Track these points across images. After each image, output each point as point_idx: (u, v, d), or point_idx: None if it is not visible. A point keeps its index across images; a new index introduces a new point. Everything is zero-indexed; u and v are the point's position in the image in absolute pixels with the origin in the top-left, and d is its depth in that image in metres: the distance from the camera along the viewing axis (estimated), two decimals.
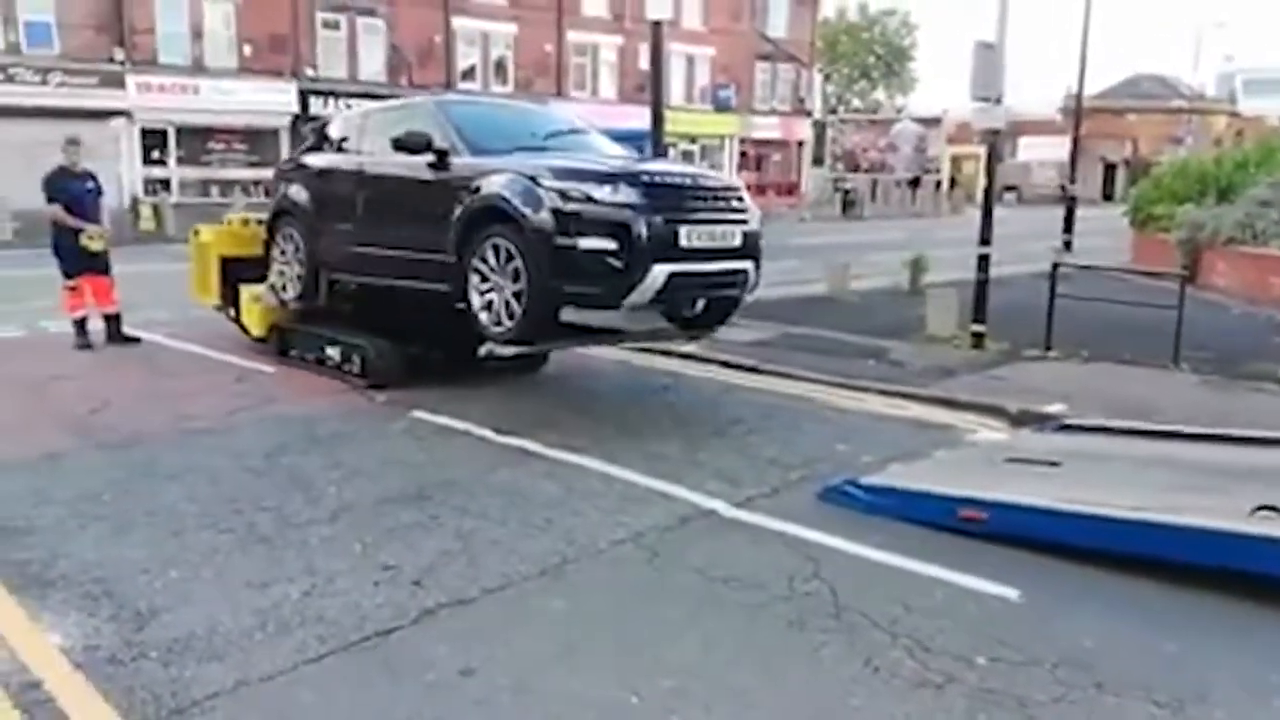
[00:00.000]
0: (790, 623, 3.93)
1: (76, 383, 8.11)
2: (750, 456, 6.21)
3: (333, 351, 8.35)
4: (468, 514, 5.06)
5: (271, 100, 28.94)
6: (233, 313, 9.79)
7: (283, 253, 8.90)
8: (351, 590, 4.12)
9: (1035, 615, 4.05)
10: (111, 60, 27.03)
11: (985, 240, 9.85)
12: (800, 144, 46.55)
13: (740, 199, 7.04)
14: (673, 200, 6.52)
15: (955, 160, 55.52)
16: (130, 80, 27.23)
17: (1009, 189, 51.23)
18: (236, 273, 9.61)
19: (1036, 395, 7.65)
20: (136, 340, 9.71)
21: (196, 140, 28.89)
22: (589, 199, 6.25)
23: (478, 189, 6.75)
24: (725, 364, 8.96)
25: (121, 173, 27.25)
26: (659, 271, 6.31)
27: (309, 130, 10.05)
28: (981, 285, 9.84)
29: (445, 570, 4.35)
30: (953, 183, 52.36)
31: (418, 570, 4.33)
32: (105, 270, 9.71)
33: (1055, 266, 10.29)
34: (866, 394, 7.96)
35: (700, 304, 7.53)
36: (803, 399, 7.91)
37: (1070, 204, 22.95)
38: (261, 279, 9.36)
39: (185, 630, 3.74)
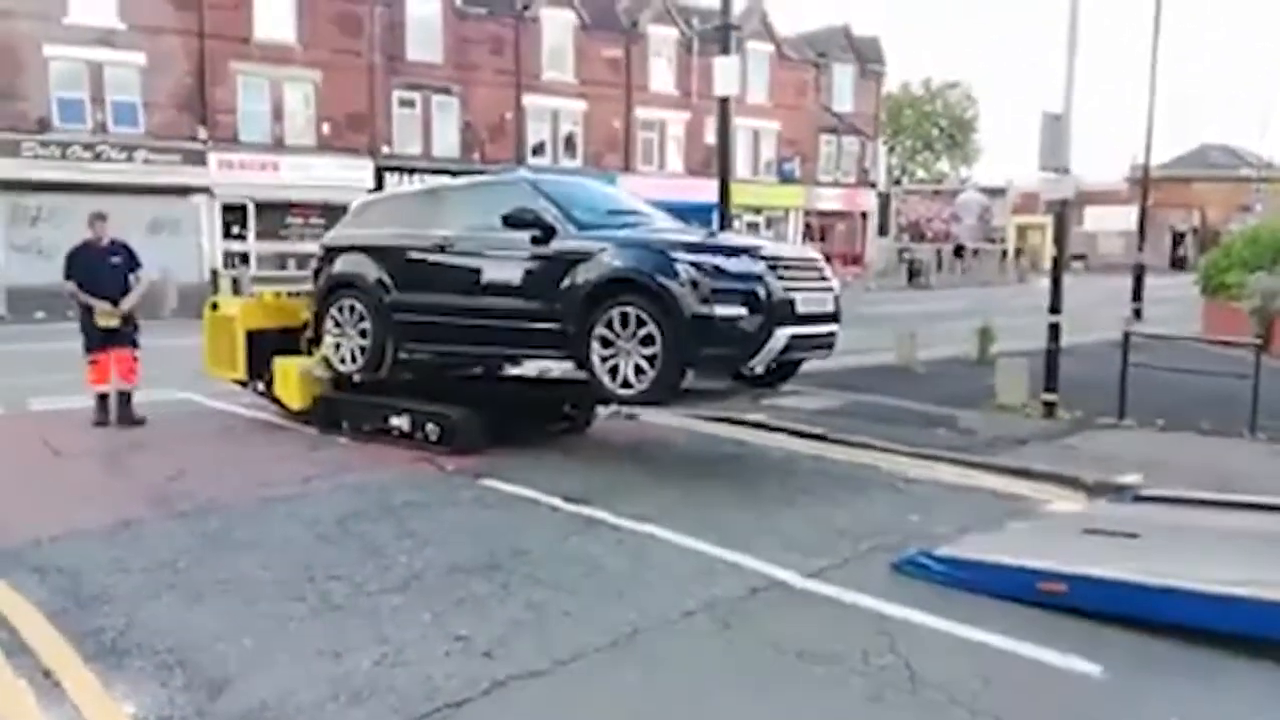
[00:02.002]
0: (867, 698, 3.83)
1: (153, 451, 8.32)
2: (820, 526, 6.13)
3: (399, 421, 8.44)
4: (539, 584, 5.05)
5: (348, 176, 29.94)
6: (261, 387, 9.78)
7: (338, 325, 9.03)
8: (422, 660, 4.11)
9: (1119, 692, 3.91)
10: (194, 138, 28.35)
11: (1055, 309, 9.73)
12: (864, 215, 46.68)
13: (826, 269, 7.82)
14: (785, 270, 7.15)
15: (1021, 230, 55.10)
16: (212, 157, 28.51)
17: (1076, 258, 50.49)
18: (265, 346, 9.61)
19: (1111, 465, 7.47)
20: (142, 422, 9.39)
21: (275, 215, 29.97)
22: (719, 270, 6.87)
23: (599, 261, 7.26)
24: (793, 432, 8.87)
25: (202, 246, 28.42)
26: (782, 334, 6.96)
27: (357, 206, 10.12)
28: (1052, 354, 9.69)
29: (516, 641, 4.33)
30: (1018, 252, 51.88)
31: (489, 641, 4.31)
32: (128, 343, 9.49)
33: (1127, 335, 10.10)
34: (937, 463, 7.82)
35: (761, 366, 7.73)
36: (872, 468, 7.81)
37: (1139, 272, 22.60)
38: (292, 352, 9.50)
39: (257, 700, 3.75)
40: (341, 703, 3.74)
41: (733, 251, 7.11)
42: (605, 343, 7.20)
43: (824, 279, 7.63)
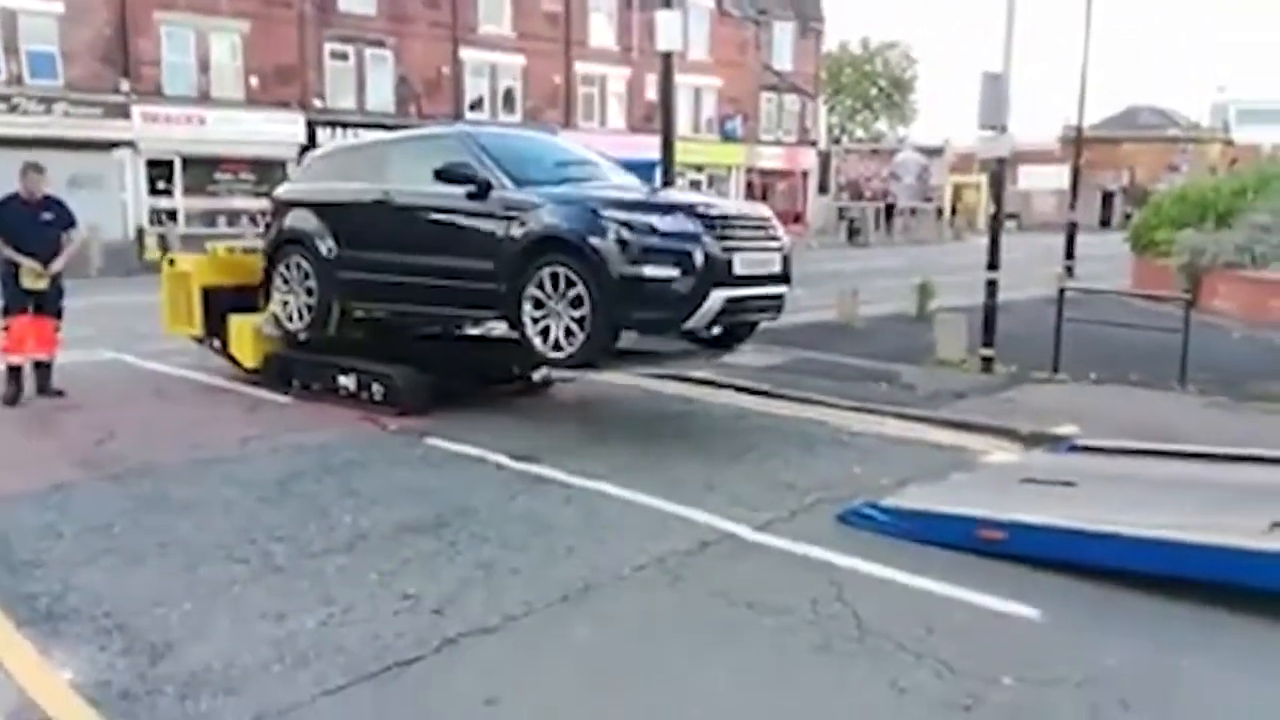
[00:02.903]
0: (816, 647, 3.89)
1: (81, 414, 8.05)
2: (768, 480, 6.18)
3: (346, 380, 8.29)
4: (487, 542, 5.02)
5: (279, 131, 29.13)
6: (217, 344, 9.57)
7: (286, 282, 8.85)
8: (371, 620, 4.06)
9: (1058, 635, 4.04)
10: (116, 91, 27.22)
11: (993, 265, 9.88)
12: (805, 173, 46.92)
13: (775, 227, 7.47)
14: (725, 229, 6.85)
15: (957, 189, 55.86)
16: (135, 111, 27.43)
17: (1010, 216, 51.48)
18: (221, 303, 9.40)
19: (1047, 417, 7.66)
20: (61, 394, 8.59)
21: (203, 170, 29.04)
22: (651, 229, 6.59)
23: (531, 219, 7.01)
24: (740, 389, 8.92)
25: (127, 203, 27.48)
26: (717, 296, 6.71)
27: (309, 159, 9.94)
28: (990, 309, 9.86)
29: (466, 598, 4.30)
30: (954, 210, 52.61)
31: (438, 599, 4.27)
32: (52, 312, 8.61)
33: (1062, 291, 10.33)
34: (880, 417, 7.92)
35: (718, 327, 7.61)
36: (817, 423, 7.88)
37: (1071, 231, 23.06)
38: (249, 309, 9.28)
39: (201, 663, 3.68)
40: (287, 664, 3.69)
41: (668, 209, 6.81)
42: (537, 304, 6.99)
43: (772, 238, 7.34)
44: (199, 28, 28.56)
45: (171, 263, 10.04)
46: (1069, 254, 22.22)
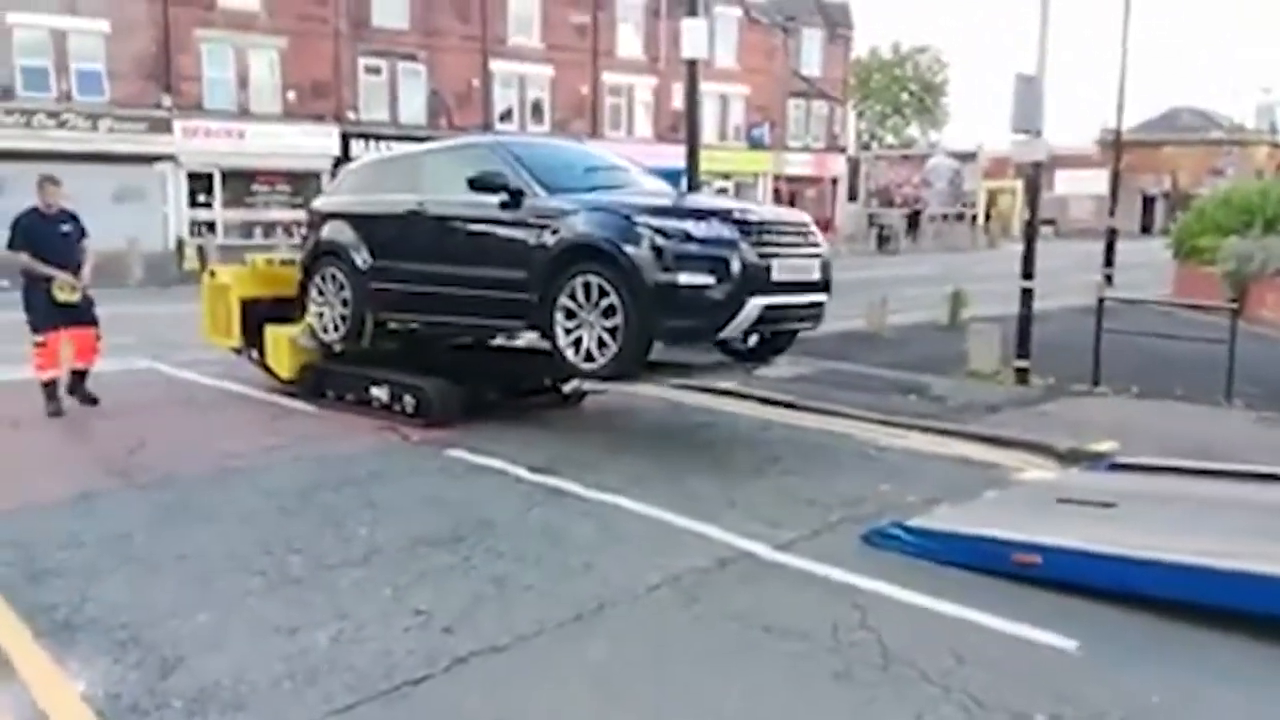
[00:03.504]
0: (836, 675, 3.74)
1: (114, 422, 8.12)
2: (790, 497, 6.04)
3: (379, 392, 8.27)
4: (502, 556, 4.95)
5: (314, 144, 29.63)
6: (255, 355, 9.62)
7: (321, 293, 8.88)
8: (382, 636, 4.01)
9: (1096, 667, 3.83)
10: (159, 106, 27.85)
11: (1028, 274, 9.67)
12: (834, 180, 46.61)
13: (814, 233, 7.28)
14: (762, 235, 6.67)
15: (991, 195, 55.28)
16: (177, 125, 28.06)
17: (1046, 222, 50.81)
18: (259, 314, 9.45)
19: (1085, 432, 7.41)
20: (95, 401, 8.66)
21: (241, 183, 29.61)
22: (686, 235, 6.43)
23: (564, 227, 6.90)
24: (763, 400, 8.78)
25: (168, 215, 28.03)
26: (754, 304, 6.52)
27: (344, 172, 9.99)
28: (1025, 319, 9.64)
29: (478, 616, 4.22)
30: (988, 216, 52.07)
31: (450, 616, 4.20)
32: (88, 321, 8.65)
33: (1101, 301, 10.07)
34: (909, 431, 7.75)
35: (754, 338, 7.53)
36: (843, 436, 7.73)
37: (1111, 238, 22.66)
38: (286, 320, 9.31)
39: (211, 678, 3.64)
40: (298, 681, 3.64)
41: (704, 215, 6.65)
42: (569, 314, 6.87)
43: (811, 244, 7.12)
44: (238, 45, 29.09)
45: (212, 274, 10.12)
46: (1108, 261, 21.86)
